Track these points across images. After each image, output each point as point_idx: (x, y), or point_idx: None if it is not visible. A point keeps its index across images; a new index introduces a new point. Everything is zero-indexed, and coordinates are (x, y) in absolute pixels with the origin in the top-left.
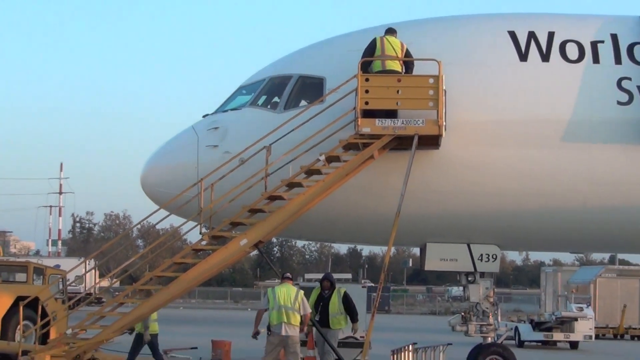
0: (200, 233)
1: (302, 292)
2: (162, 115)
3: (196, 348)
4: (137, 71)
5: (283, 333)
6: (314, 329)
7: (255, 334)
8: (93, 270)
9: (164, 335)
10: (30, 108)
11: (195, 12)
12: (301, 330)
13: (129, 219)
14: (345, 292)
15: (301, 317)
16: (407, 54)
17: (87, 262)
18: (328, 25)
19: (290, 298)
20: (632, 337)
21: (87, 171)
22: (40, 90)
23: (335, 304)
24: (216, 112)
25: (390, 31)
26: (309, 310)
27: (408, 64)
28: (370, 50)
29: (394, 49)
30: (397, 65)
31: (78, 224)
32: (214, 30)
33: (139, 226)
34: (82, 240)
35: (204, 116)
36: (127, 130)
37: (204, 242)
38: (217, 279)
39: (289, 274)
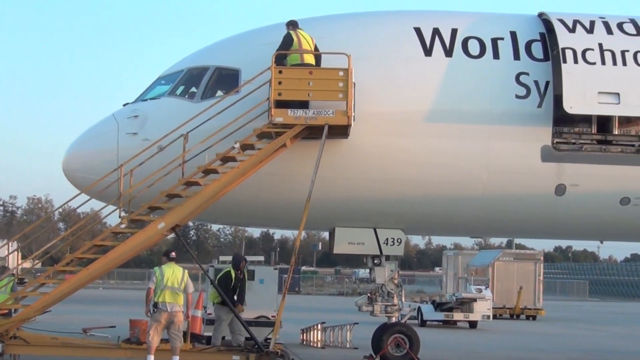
0: (120, 217)
1: (187, 272)
2: (84, 103)
3: (114, 327)
4: (61, 59)
5: (169, 310)
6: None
7: (148, 312)
8: (16, 252)
9: (84, 314)
10: None
11: (116, 3)
12: (186, 317)
13: (51, 202)
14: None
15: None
16: (316, 48)
17: (10, 243)
18: (244, 20)
19: (177, 279)
20: (527, 317)
21: (11, 156)
22: None
23: (246, 284)
24: (136, 101)
25: (294, 24)
26: (191, 290)
27: (317, 58)
28: (286, 44)
29: (308, 43)
30: (312, 59)
31: (1, 207)
32: (134, 21)
33: (60, 209)
34: (6, 222)
35: (124, 105)
36: (50, 116)
37: (123, 226)
38: (135, 261)
39: (174, 253)
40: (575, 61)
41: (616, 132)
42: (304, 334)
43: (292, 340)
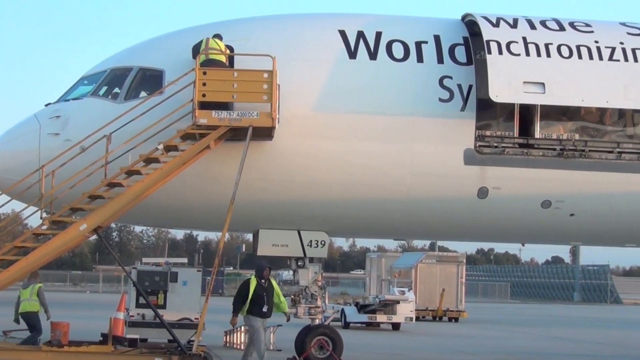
0: (41, 218)
1: None
2: (5, 103)
3: None
4: None
5: None
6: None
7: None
8: None
9: (4, 316)
10: None
11: (39, 2)
12: None
13: None
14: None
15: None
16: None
17: None
18: (169, 21)
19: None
20: (450, 319)
21: None
22: None
23: (277, 293)
24: (58, 101)
25: (217, 37)
26: None
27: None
28: (198, 47)
29: (217, 44)
30: (221, 57)
31: None
32: (57, 20)
33: None
34: None
35: (46, 105)
36: None
37: (44, 227)
38: (56, 263)
39: None
40: (500, 52)
41: (538, 136)
42: (227, 336)
43: (215, 343)
